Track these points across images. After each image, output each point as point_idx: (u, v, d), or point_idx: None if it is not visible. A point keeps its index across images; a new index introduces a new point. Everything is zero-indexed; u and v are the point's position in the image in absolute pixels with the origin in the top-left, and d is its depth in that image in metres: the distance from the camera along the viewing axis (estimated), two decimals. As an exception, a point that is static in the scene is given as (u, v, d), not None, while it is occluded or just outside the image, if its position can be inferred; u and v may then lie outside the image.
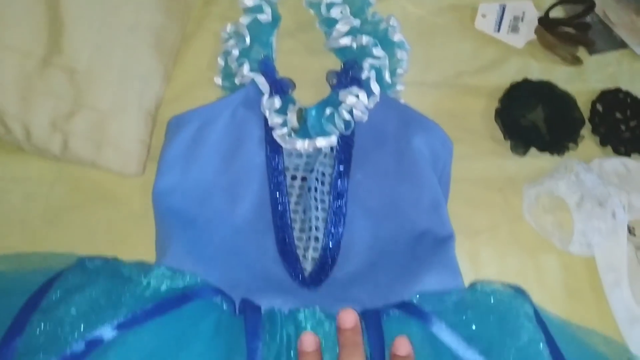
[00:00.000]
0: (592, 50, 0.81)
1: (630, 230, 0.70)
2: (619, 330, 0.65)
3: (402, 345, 0.49)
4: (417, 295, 0.57)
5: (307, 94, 0.75)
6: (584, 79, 0.80)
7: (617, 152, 0.74)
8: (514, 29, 0.81)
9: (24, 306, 0.52)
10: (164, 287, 0.54)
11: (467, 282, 0.63)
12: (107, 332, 0.49)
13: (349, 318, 0.50)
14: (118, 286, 0.53)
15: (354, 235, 0.67)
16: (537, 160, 0.73)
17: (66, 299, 0.51)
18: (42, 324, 0.50)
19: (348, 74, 0.74)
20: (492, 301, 0.56)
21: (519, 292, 0.58)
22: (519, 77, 0.78)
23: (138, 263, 0.56)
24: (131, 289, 0.53)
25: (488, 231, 0.70)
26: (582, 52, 0.81)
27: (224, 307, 0.56)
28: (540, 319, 0.56)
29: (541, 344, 0.54)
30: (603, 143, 0.75)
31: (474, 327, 0.54)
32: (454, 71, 0.80)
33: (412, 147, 0.69)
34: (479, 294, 0.57)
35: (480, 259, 0.68)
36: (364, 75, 0.72)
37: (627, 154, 0.74)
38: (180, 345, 0.51)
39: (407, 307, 0.56)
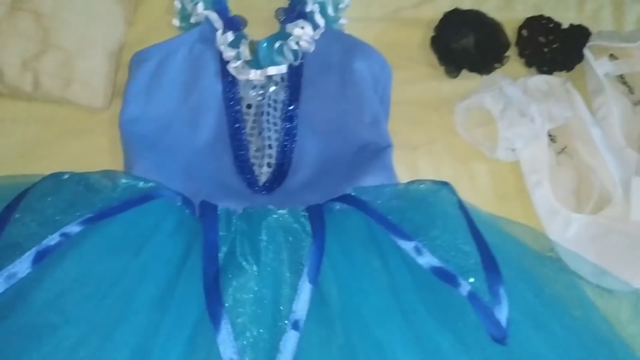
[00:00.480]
0: (519, -18, 0.89)
1: (552, 138, 0.78)
2: (541, 224, 0.73)
3: None
4: (355, 189, 0.64)
5: (260, 30, 0.82)
6: (511, 8, 0.87)
7: (541, 71, 0.82)
8: (448, -34, 0.88)
9: (3, 210, 0.58)
10: (128, 190, 0.61)
11: None
12: (76, 227, 0.56)
13: None
14: (87, 189, 0.60)
15: (304, 151, 0.74)
16: (468, 81, 0.81)
17: (41, 200, 0.58)
18: (20, 223, 0.57)
19: (294, 9, 0.81)
20: (421, 191, 0.64)
21: (446, 185, 0.65)
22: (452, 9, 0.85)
23: (105, 171, 0.63)
24: (99, 191, 0.60)
25: (425, 145, 0.78)
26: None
27: (185, 209, 0.64)
28: (463, 208, 0.63)
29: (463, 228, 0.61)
30: (528, 64, 0.83)
31: (404, 212, 0.62)
32: (394, 6, 0.87)
33: (354, 71, 0.76)
34: (411, 186, 0.65)
35: (419, 169, 0.76)
36: (308, 9, 0.79)
37: (550, 72, 0.82)
38: (143, 239, 0.59)
39: (346, 199, 0.63)
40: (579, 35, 0.83)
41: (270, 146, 0.74)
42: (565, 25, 0.85)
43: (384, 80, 0.78)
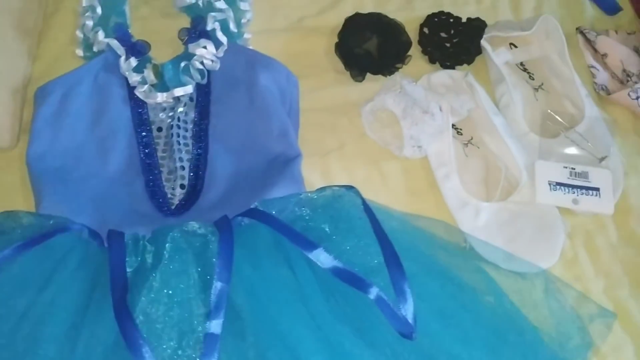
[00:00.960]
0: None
1: (457, 130, 0.80)
2: (452, 216, 0.75)
3: None
4: (261, 202, 0.65)
5: (166, 52, 0.82)
6: (412, 7, 0.89)
7: (444, 66, 0.84)
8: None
9: None
10: (31, 228, 0.61)
11: None
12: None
13: None
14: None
15: (217, 169, 0.75)
16: (374, 83, 0.83)
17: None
18: None
19: (196, 29, 0.81)
20: (326, 197, 0.66)
21: (351, 189, 0.67)
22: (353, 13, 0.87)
23: (7, 212, 0.63)
24: (3, 233, 0.60)
25: (336, 150, 0.79)
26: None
27: (92, 241, 0.64)
28: (368, 209, 0.65)
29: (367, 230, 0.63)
30: (432, 61, 0.85)
31: (309, 220, 0.64)
32: (297, 16, 0.88)
33: (260, 85, 0.77)
34: (316, 194, 0.67)
35: (332, 174, 0.78)
36: (209, 28, 0.80)
37: (453, 67, 0.84)
38: (48, 275, 0.59)
39: (251, 213, 0.64)
40: (477, 27, 0.85)
41: (182, 167, 0.75)
42: (464, 19, 0.87)
43: (290, 91, 0.80)
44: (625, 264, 0.74)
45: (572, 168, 0.76)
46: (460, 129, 0.80)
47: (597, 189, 0.75)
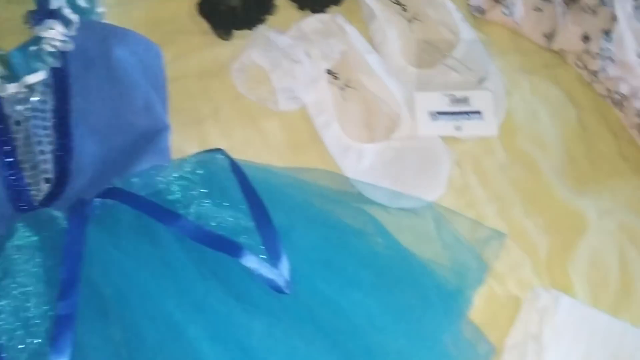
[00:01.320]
0: None
1: (334, 75, 0.76)
2: (337, 165, 0.72)
3: None
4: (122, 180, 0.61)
5: (17, 42, 0.76)
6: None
7: (315, 11, 0.80)
8: None
9: None
10: None
11: None
12: None
13: None
14: None
15: (84, 155, 0.70)
16: (243, 40, 0.78)
17: None
18: None
19: (41, 10, 0.75)
20: (191, 163, 0.62)
21: (218, 151, 0.64)
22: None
23: None
24: None
25: (212, 115, 0.75)
26: None
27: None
28: (237, 169, 0.62)
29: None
30: (301, 7, 0.81)
31: (174, 190, 0.60)
32: (156, -22, 0.83)
33: (116, 59, 0.72)
34: (182, 163, 0.63)
35: (210, 141, 0.74)
36: (54, 7, 0.74)
37: (322, 10, 0.80)
38: None
39: (111, 193, 0.60)
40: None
41: (45, 161, 0.70)
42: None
43: (153, 61, 0.75)
44: (516, 183, 0.72)
45: (452, 94, 0.73)
46: (337, 74, 0.77)
47: (479, 112, 0.73)
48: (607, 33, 0.75)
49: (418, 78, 0.75)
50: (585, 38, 0.76)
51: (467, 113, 0.73)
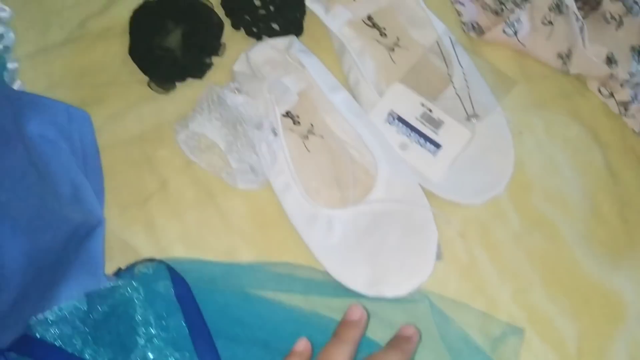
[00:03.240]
0: None
1: (293, 119, 0.63)
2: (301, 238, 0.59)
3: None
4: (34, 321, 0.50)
5: None
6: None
7: (251, 34, 0.66)
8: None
9: None
10: None
11: (146, 254, 0.58)
12: None
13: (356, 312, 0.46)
14: None
15: (6, 259, 0.58)
16: (189, 88, 0.65)
17: None
18: None
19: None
20: (121, 292, 0.50)
21: (160, 264, 0.52)
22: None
23: None
24: None
25: (159, 191, 0.62)
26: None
27: None
28: (180, 288, 0.50)
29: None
30: (235, 26, 0.66)
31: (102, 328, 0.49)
32: (76, 20, 0.68)
33: (31, 137, 0.59)
34: (115, 287, 0.51)
35: (157, 224, 0.61)
36: (-50, 73, 0.60)
37: (267, 32, 0.66)
38: None
39: (20, 345, 0.48)
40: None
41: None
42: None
43: (79, 131, 0.62)
44: (534, 256, 0.59)
45: (429, 110, 0.60)
46: (297, 117, 0.63)
47: (438, 147, 0.60)
48: (638, 52, 0.60)
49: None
50: (610, 59, 0.61)
51: (425, 138, 0.60)
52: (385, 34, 0.66)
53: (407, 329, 0.46)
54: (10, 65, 0.64)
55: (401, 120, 0.61)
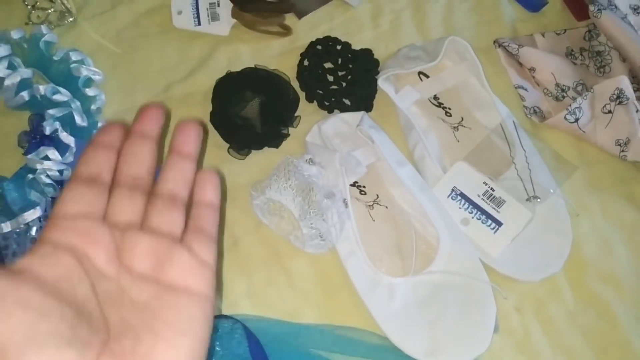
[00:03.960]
0: (299, 13, 0.76)
1: (360, 189, 0.67)
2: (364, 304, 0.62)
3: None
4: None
5: (10, 163, 0.69)
6: (300, 46, 0.74)
7: (323, 107, 0.71)
8: (214, 17, 0.75)
9: None
10: None
11: (216, 311, 0.61)
12: None
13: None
14: None
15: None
16: (261, 156, 0.69)
17: None
18: None
19: (37, 132, 0.67)
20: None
21: (235, 324, 0.55)
22: (231, 67, 0.73)
23: None
24: None
25: (230, 248, 0.66)
26: (291, 19, 0.76)
27: None
28: (256, 349, 0.53)
29: None
30: (309, 99, 0.71)
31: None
32: (161, 85, 0.74)
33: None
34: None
35: (227, 280, 0.65)
36: (48, 132, 0.66)
37: (338, 107, 0.70)
38: None
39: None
40: (369, 62, 0.71)
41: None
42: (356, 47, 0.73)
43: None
44: (587, 332, 0.61)
45: (492, 189, 0.64)
46: (363, 187, 0.67)
47: (499, 225, 0.63)
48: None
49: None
50: (669, 149, 0.65)
51: (487, 216, 0.63)
52: (450, 114, 0.70)
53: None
54: (102, 124, 0.70)
55: (464, 196, 0.64)
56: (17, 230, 0.65)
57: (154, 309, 0.28)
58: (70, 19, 0.77)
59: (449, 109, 0.70)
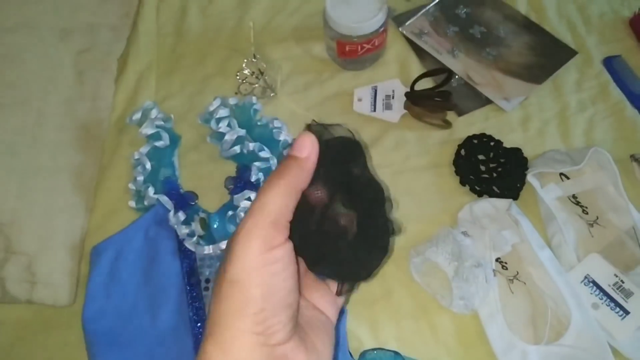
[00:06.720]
0: (459, 111, 0.91)
1: (502, 264, 0.77)
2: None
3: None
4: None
5: (213, 198, 0.85)
6: (457, 138, 0.89)
7: (473, 191, 0.83)
8: (388, 106, 0.91)
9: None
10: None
11: (368, 345, 0.74)
12: None
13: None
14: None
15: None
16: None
17: None
18: None
19: (242, 179, 0.84)
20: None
21: (397, 355, 0.66)
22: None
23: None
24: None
25: (384, 297, 0.78)
26: (452, 116, 0.91)
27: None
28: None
29: None
30: (462, 182, 0.84)
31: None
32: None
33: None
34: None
35: (379, 324, 0.76)
36: (254, 179, 0.82)
37: (487, 192, 0.82)
38: None
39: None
40: (519, 158, 0.84)
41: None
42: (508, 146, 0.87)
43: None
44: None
45: (622, 281, 0.72)
46: (505, 263, 0.78)
47: (627, 313, 0.71)
48: None
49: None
50: None
51: (615, 304, 0.71)
52: (587, 212, 0.81)
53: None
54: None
55: (595, 284, 0.74)
56: (212, 254, 0.80)
57: (312, 320, 0.44)
58: (272, 94, 0.95)
59: (586, 207, 0.81)
